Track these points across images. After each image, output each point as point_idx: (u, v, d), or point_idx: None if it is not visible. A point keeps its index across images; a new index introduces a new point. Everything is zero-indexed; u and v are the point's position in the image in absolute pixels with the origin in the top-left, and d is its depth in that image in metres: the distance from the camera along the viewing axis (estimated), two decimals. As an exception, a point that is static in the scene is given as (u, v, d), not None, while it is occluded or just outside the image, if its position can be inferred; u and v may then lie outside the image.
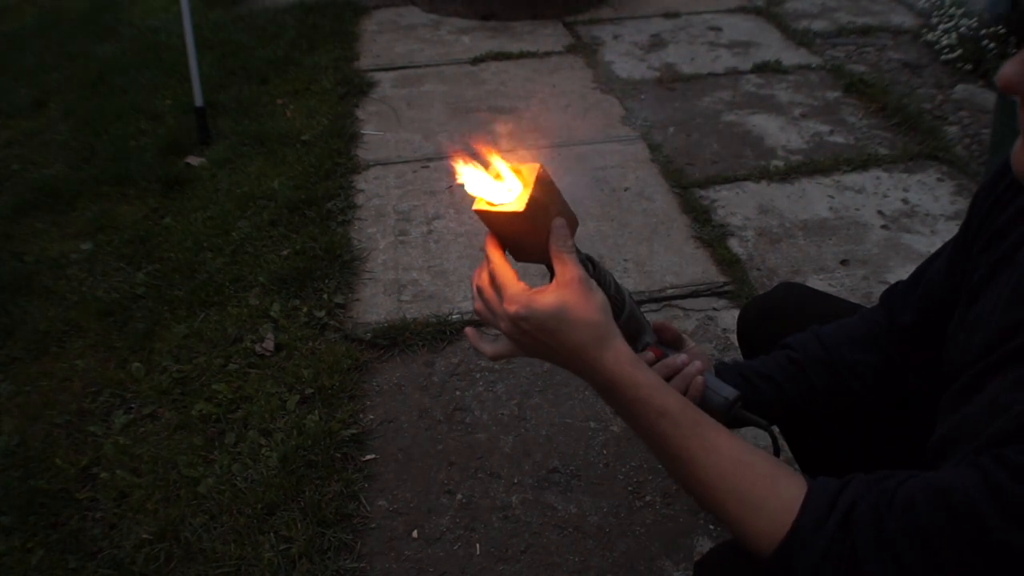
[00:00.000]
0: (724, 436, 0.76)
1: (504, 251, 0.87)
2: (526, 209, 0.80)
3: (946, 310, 0.89)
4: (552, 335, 0.80)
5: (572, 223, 0.86)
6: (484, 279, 0.85)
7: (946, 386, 0.81)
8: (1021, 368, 0.68)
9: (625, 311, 0.94)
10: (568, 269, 0.81)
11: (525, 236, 0.83)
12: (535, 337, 0.81)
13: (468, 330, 0.91)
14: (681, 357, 0.99)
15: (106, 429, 1.85)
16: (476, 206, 0.83)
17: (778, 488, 0.73)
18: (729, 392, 0.99)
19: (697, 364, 1.00)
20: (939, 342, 0.89)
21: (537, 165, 0.82)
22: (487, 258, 0.85)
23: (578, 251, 0.87)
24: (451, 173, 0.83)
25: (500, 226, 0.84)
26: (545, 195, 0.82)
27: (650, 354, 0.99)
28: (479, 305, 0.86)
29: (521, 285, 0.82)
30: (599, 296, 0.81)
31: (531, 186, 0.80)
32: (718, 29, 3.95)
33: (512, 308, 0.81)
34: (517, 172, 0.82)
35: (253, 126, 3.13)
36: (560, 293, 0.79)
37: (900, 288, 1.05)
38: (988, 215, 0.85)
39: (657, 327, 1.02)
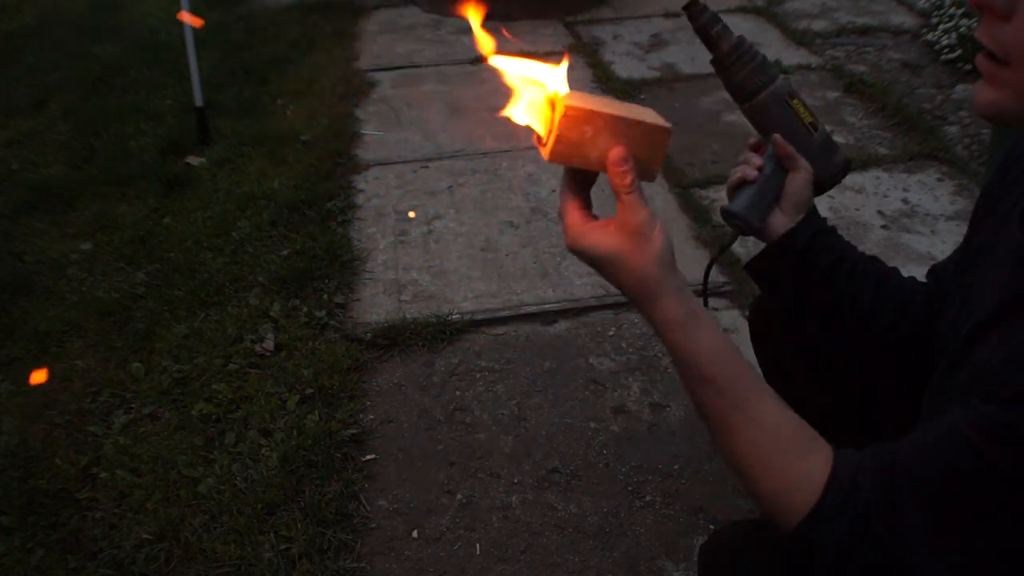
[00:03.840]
0: (769, 408, 0.74)
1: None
2: (551, 158, 0.74)
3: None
4: (604, 273, 0.78)
5: (649, 141, 0.76)
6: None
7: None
8: (1002, 328, 0.68)
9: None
10: (625, 213, 0.75)
11: (582, 168, 0.77)
12: (595, 269, 0.79)
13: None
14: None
15: (106, 429, 1.85)
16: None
17: (810, 464, 0.72)
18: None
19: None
20: None
21: (563, 102, 0.72)
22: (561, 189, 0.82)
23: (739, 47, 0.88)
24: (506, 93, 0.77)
25: None
26: (578, 134, 0.73)
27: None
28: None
29: (577, 216, 0.78)
30: (656, 246, 0.75)
31: (554, 132, 0.73)
32: (718, 29, 3.95)
33: (566, 240, 0.78)
34: (551, 104, 0.73)
35: (253, 126, 3.13)
36: (613, 238, 0.76)
37: (939, 265, 1.06)
38: (987, 199, 0.87)
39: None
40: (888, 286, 1.06)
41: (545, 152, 0.74)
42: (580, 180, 0.79)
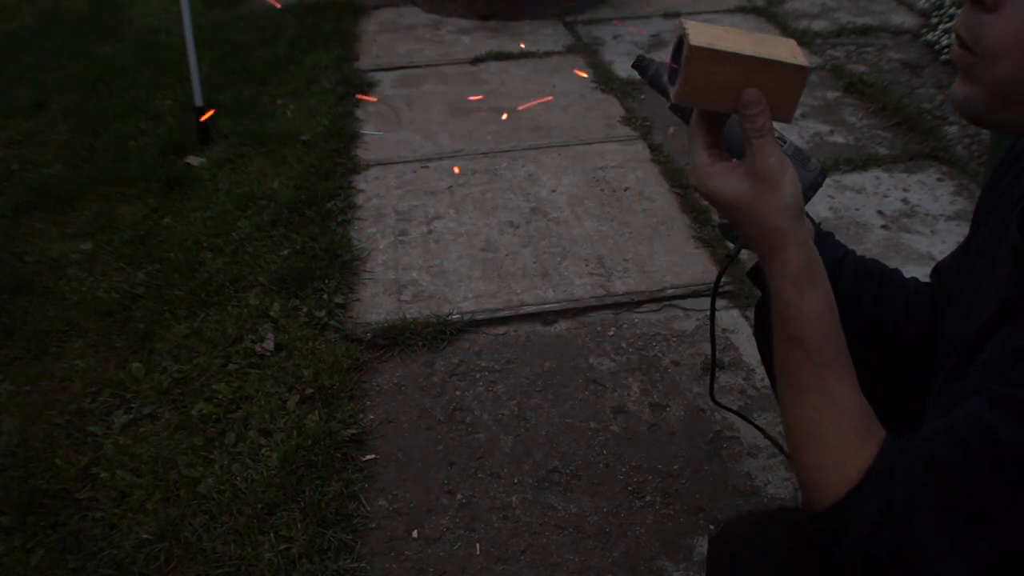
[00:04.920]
0: (845, 387, 0.74)
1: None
2: (678, 100, 0.71)
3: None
4: (733, 218, 0.76)
5: (783, 82, 0.71)
6: None
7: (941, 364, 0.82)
8: (1006, 329, 0.69)
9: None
10: (755, 158, 0.72)
11: (711, 109, 0.74)
12: (719, 208, 0.77)
13: None
14: None
15: (106, 429, 1.85)
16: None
17: (863, 449, 0.72)
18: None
19: None
20: None
21: (689, 41, 0.68)
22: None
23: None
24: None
25: None
26: (707, 76, 0.69)
27: None
28: None
29: (704, 155, 0.76)
30: (784, 195, 0.72)
31: (681, 73, 0.69)
32: (718, 29, 3.95)
33: (691, 178, 0.77)
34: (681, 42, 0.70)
35: (253, 126, 3.13)
36: (740, 183, 0.73)
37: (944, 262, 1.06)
38: (987, 200, 0.87)
39: None
40: (891, 286, 1.06)
41: (672, 93, 0.71)
42: (712, 116, 0.77)
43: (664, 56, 0.90)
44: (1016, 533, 0.63)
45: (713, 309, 1.08)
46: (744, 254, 2.31)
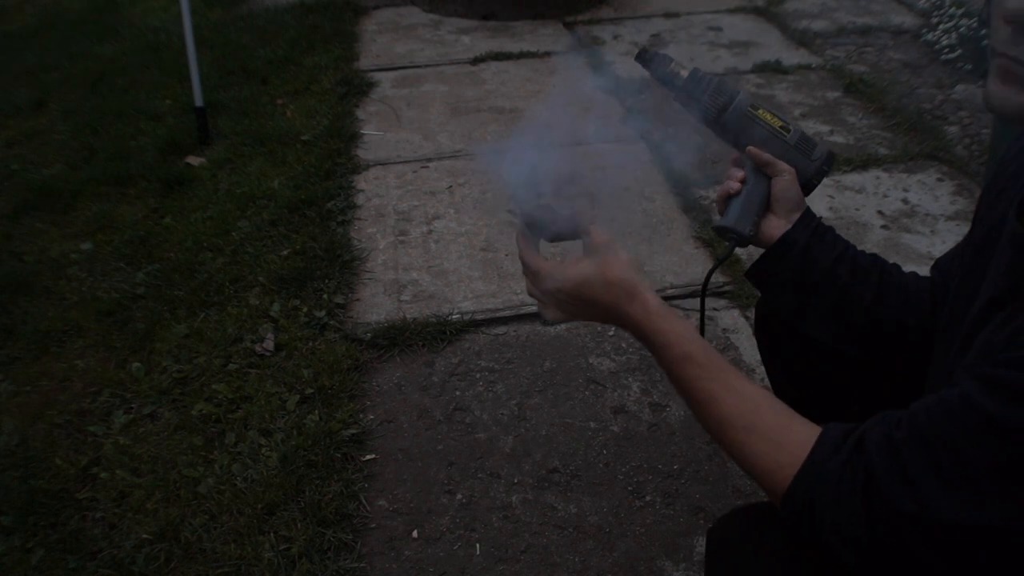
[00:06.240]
0: (747, 382, 0.82)
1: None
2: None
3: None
4: (587, 299, 0.91)
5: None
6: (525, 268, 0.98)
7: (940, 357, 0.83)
8: (1004, 314, 0.70)
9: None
10: (593, 237, 0.93)
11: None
12: (574, 304, 0.92)
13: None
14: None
15: (106, 429, 1.85)
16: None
17: (795, 427, 0.77)
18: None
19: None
20: None
21: None
22: (519, 248, 0.98)
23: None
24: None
25: None
26: None
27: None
28: (529, 288, 0.99)
29: (550, 263, 0.94)
30: (626, 255, 0.91)
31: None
32: (718, 29, 3.95)
33: (548, 284, 0.93)
34: None
35: (253, 126, 3.13)
36: (587, 262, 0.91)
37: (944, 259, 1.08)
38: (989, 193, 0.87)
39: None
40: (890, 281, 1.07)
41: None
42: (535, 241, 1.00)
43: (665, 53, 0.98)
44: (1008, 503, 0.64)
45: (703, 309, 1.10)
46: (744, 253, 2.31)
